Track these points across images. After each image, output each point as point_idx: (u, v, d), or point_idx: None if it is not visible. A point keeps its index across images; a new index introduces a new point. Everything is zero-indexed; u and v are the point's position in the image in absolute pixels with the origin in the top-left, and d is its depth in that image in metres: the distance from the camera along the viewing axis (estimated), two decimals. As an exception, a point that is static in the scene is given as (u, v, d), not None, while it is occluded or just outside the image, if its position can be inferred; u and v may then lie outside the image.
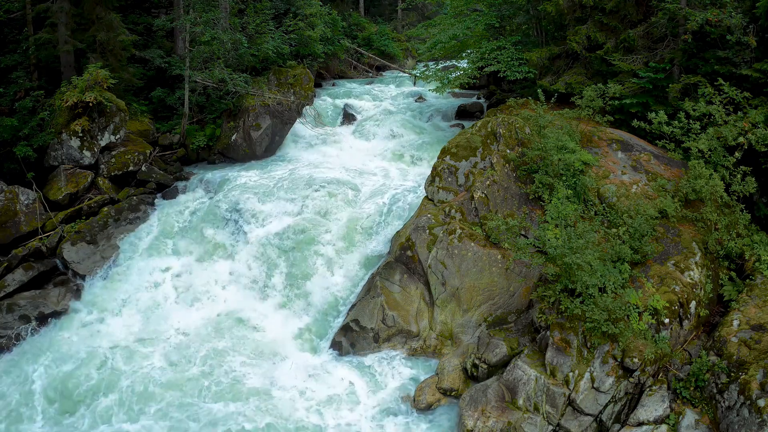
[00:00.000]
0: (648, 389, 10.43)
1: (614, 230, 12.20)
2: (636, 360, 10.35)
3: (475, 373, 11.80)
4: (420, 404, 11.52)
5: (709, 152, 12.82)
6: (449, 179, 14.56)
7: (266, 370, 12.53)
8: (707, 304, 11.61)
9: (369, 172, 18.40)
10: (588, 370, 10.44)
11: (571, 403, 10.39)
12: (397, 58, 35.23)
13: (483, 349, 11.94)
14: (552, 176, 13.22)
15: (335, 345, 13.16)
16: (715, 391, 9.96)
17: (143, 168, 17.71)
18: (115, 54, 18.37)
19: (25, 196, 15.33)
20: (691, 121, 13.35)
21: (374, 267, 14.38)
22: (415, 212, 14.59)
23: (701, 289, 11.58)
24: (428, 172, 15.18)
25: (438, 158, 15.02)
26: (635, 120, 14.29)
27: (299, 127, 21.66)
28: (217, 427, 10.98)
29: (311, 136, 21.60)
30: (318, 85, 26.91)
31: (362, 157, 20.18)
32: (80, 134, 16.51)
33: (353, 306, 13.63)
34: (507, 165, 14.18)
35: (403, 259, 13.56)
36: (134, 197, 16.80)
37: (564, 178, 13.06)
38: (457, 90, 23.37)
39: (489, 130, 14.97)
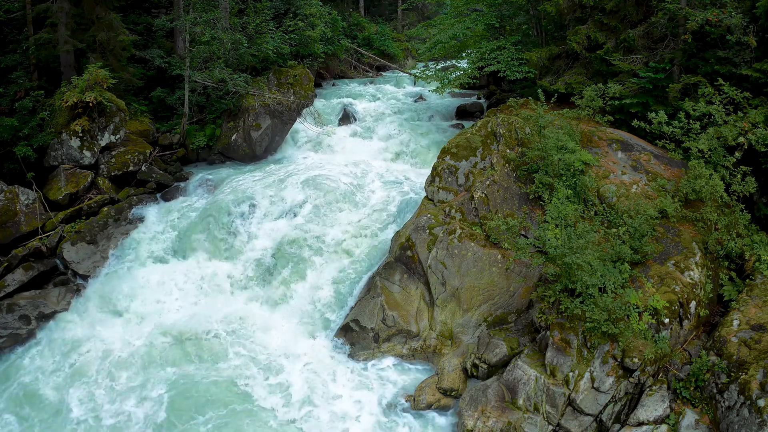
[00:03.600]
0: (648, 389, 10.43)
1: (614, 230, 12.20)
2: (636, 360, 10.35)
3: (475, 373, 11.80)
4: (420, 404, 11.52)
5: (709, 152, 12.81)
6: (449, 179, 14.56)
7: (265, 370, 12.56)
8: (707, 304, 11.61)
9: (369, 172, 18.39)
10: (588, 370, 10.44)
11: (571, 403, 10.39)
12: (397, 58, 35.23)
13: (483, 349, 11.94)
14: (552, 176, 13.22)
15: (335, 344, 13.15)
16: (715, 391, 9.95)
17: (143, 168, 17.72)
18: (115, 54, 18.38)
19: (25, 196, 15.33)
20: (691, 121, 13.35)
21: (374, 267, 14.38)
22: (415, 212, 14.59)
23: (701, 289, 11.58)
24: (428, 171, 15.18)
25: (438, 158, 15.02)
26: (635, 120, 14.28)
27: (299, 127, 21.67)
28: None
29: (311, 136, 21.60)
30: (318, 85, 26.93)
31: (362, 157, 20.17)
32: (80, 134, 16.51)
33: (353, 306, 13.63)
34: (507, 165, 14.18)
35: (403, 259, 13.56)
36: (134, 197, 16.81)
37: (564, 178, 13.06)
38: (457, 90, 23.39)
39: (489, 130, 14.97)
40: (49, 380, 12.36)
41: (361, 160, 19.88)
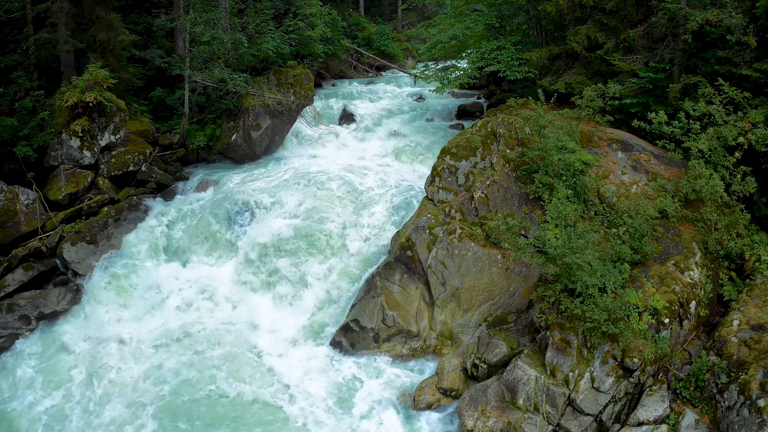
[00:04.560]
0: (648, 389, 10.43)
1: (614, 230, 12.20)
2: (636, 360, 10.35)
3: (475, 373, 11.80)
4: (420, 404, 11.52)
5: (709, 152, 12.82)
6: (449, 179, 14.56)
7: (266, 370, 12.56)
8: (707, 304, 11.61)
9: (369, 172, 18.39)
10: (588, 370, 10.44)
11: (571, 403, 10.39)
12: (397, 58, 35.21)
13: (483, 349, 11.94)
14: (552, 176, 13.22)
15: (335, 345, 13.16)
16: (715, 391, 9.96)
17: (143, 168, 17.72)
18: (115, 54, 18.38)
19: (25, 196, 15.33)
20: (691, 121, 13.35)
21: (374, 267, 14.38)
22: (415, 212, 14.59)
23: (701, 289, 11.58)
24: (428, 171, 15.18)
25: (438, 158, 15.03)
26: (635, 120, 14.28)
27: (299, 127, 21.67)
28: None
29: (311, 136, 21.60)
30: (318, 85, 26.91)
31: (362, 157, 20.19)
32: (80, 134, 16.51)
33: (353, 306, 13.63)
34: (507, 165, 14.18)
35: (403, 259, 13.56)
36: (134, 197, 16.79)
37: (564, 178, 13.06)
38: (457, 90, 23.37)
39: (489, 130, 14.98)
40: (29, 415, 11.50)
41: (360, 159, 19.89)
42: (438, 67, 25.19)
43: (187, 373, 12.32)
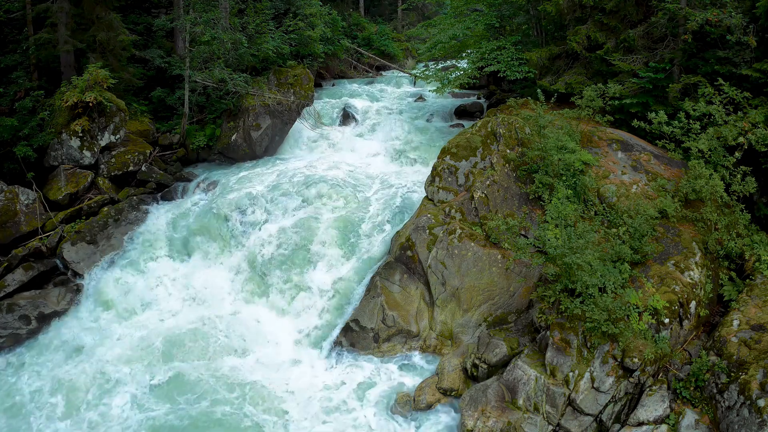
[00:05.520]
0: (648, 389, 10.43)
1: (614, 230, 12.20)
2: (636, 360, 10.35)
3: (475, 373, 11.80)
4: (420, 404, 11.52)
5: (709, 152, 12.82)
6: (449, 179, 14.56)
7: (267, 373, 12.54)
8: (707, 304, 11.61)
9: (368, 172, 18.39)
10: (588, 370, 10.44)
11: (571, 403, 10.39)
12: (397, 58, 35.23)
13: (483, 349, 11.94)
14: (552, 176, 13.22)
15: (336, 345, 13.16)
16: (715, 391, 9.96)
17: (143, 168, 17.72)
18: (115, 54, 18.39)
19: (25, 196, 15.34)
20: (691, 121, 13.35)
21: (374, 267, 14.37)
22: (415, 212, 14.59)
23: (701, 289, 11.58)
24: (428, 172, 15.18)
25: (438, 158, 15.03)
26: (635, 120, 14.28)
27: (299, 127, 21.67)
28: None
29: (311, 136, 21.60)
30: (318, 85, 26.92)
31: (362, 157, 20.18)
32: (80, 134, 16.52)
33: (354, 306, 13.62)
34: (507, 165, 14.18)
35: (403, 259, 13.56)
36: (134, 197, 16.80)
37: (564, 178, 13.06)
38: (457, 90, 23.36)
39: (489, 130, 14.98)
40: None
41: (360, 160, 19.89)
42: (438, 67, 25.18)
43: (182, 393, 12.06)
